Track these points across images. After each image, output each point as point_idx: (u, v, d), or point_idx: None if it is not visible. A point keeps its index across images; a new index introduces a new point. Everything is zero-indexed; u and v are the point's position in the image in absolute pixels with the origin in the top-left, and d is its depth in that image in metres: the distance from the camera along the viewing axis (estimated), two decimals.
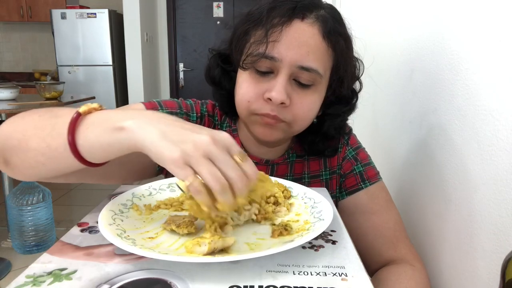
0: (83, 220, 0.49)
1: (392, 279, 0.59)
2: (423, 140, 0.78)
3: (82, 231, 0.46)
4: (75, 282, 0.35)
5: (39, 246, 2.04)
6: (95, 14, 3.91)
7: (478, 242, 0.57)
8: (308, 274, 0.37)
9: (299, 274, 0.37)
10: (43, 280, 0.35)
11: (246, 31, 0.60)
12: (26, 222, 1.99)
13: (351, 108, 0.69)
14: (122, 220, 0.46)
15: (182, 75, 4.47)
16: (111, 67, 4.02)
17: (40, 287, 0.34)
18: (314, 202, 0.53)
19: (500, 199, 0.52)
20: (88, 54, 3.99)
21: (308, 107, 0.60)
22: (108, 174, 0.60)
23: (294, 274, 0.37)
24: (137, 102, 0.68)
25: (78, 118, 0.44)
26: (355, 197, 0.71)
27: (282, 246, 0.38)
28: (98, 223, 0.43)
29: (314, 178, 0.74)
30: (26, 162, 0.48)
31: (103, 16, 3.90)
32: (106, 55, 3.99)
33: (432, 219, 0.72)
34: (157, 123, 0.40)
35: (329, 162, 0.74)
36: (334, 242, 0.44)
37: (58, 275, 0.36)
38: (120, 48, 4.07)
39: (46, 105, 2.21)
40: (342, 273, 0.37)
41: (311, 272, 0.37)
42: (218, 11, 4.26)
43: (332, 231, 0.47)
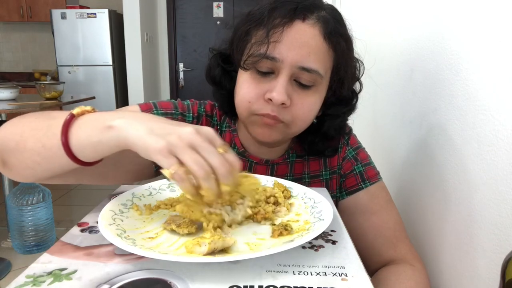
0: (83, 220, 0.49)
1: (392, 279, 0.59)
2: (423, 140, 0.78)
3: (82, 231, 0.46)
4: (75, 282, 0.35)
5: (39, 246, 2.04)
6: (95, 14, 3.91)
7: (478, 242, 0.57)
8: (308, 274, 0.37)
9: (299, 274, 0.37)
10: (43, 280, 0.35)
11: (247, 31, 0.60)
12: (26, 222, 2.00)
13: (351, 109, 0.69)
14: (122, 220, 0.47)
15: (182, 75, 4.47)
16: (111, 67, 4.02)
17: (40, 287, 0.34)
18: (314, 202, 0.53)
19: (500, 199, 0.52)
20: (88, 54, 3.99)
21: (308, 107, 0.60)
22: (103, 174, 0.61)
23: (294, 274, 0.37)
24: (133, 104, 0.68)
25: (71, 119, 0.47)
26: (355, 197, 0.71)
27: (282, 246, 0.38)
28: (98, 223, 0.43)
29: (314, 178, 0.74)
30: (23, 163, 0.50)
31: (103, 16, 3.90)
32: (106, 55, 3.99)
33: (432, 219, 0.72)
34: (146, 121, 0.43)
35: (329, 162, 0.74)
36: (334, 242, 0.44)
37: (58, 275, 0.36)
38: (120, 48, 4.07)
39: (46, 105, 2.21)
40: (342, 273, 0.37)
41: (311, 272, 0.37)
42: (218, 11, 4.26)
43: (332, 231, 0.47)
